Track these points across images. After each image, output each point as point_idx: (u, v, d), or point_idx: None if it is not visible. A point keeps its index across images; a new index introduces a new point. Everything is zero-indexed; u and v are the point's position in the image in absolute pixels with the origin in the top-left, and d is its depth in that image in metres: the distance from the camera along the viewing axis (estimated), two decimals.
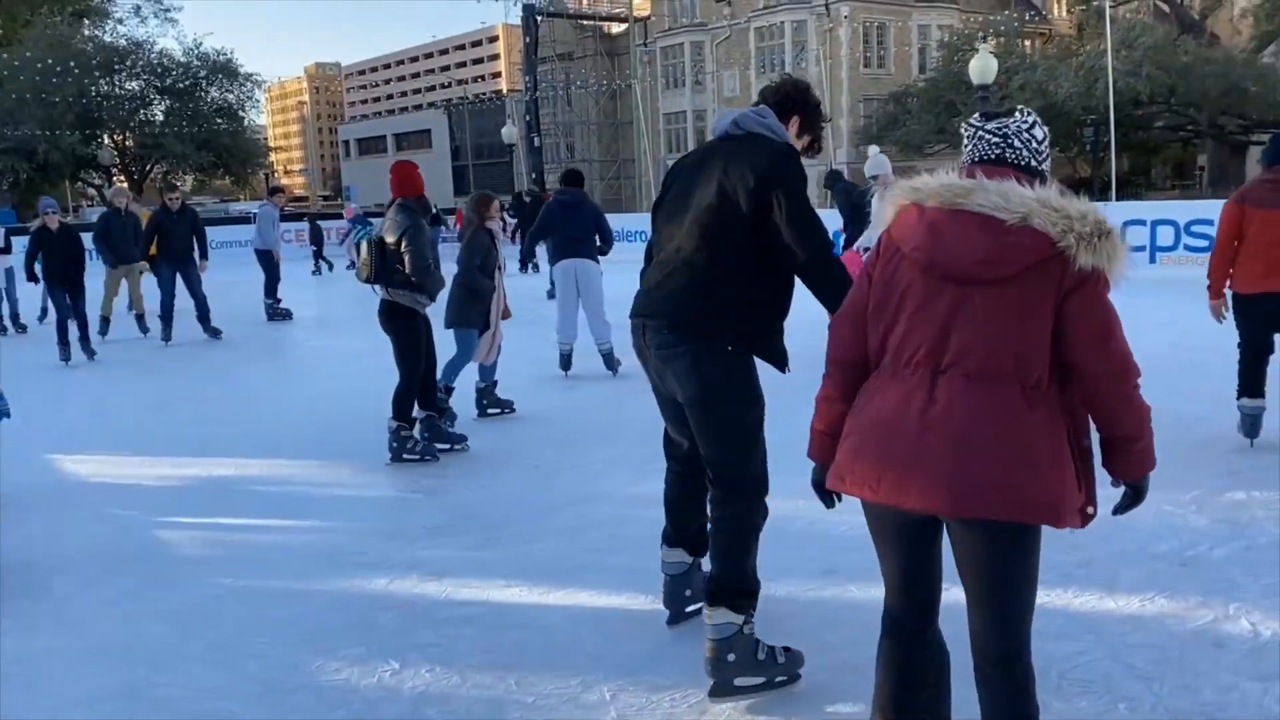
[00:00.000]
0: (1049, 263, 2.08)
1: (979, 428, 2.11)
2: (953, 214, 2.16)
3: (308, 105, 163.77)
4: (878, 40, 45.30)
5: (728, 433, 3.18)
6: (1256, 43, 34.95)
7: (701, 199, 3.13)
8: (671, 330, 3.13)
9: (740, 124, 3.21)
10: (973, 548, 2.20)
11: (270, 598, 4.04)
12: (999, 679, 2.25)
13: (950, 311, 2.15)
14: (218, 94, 46.78)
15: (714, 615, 3.10)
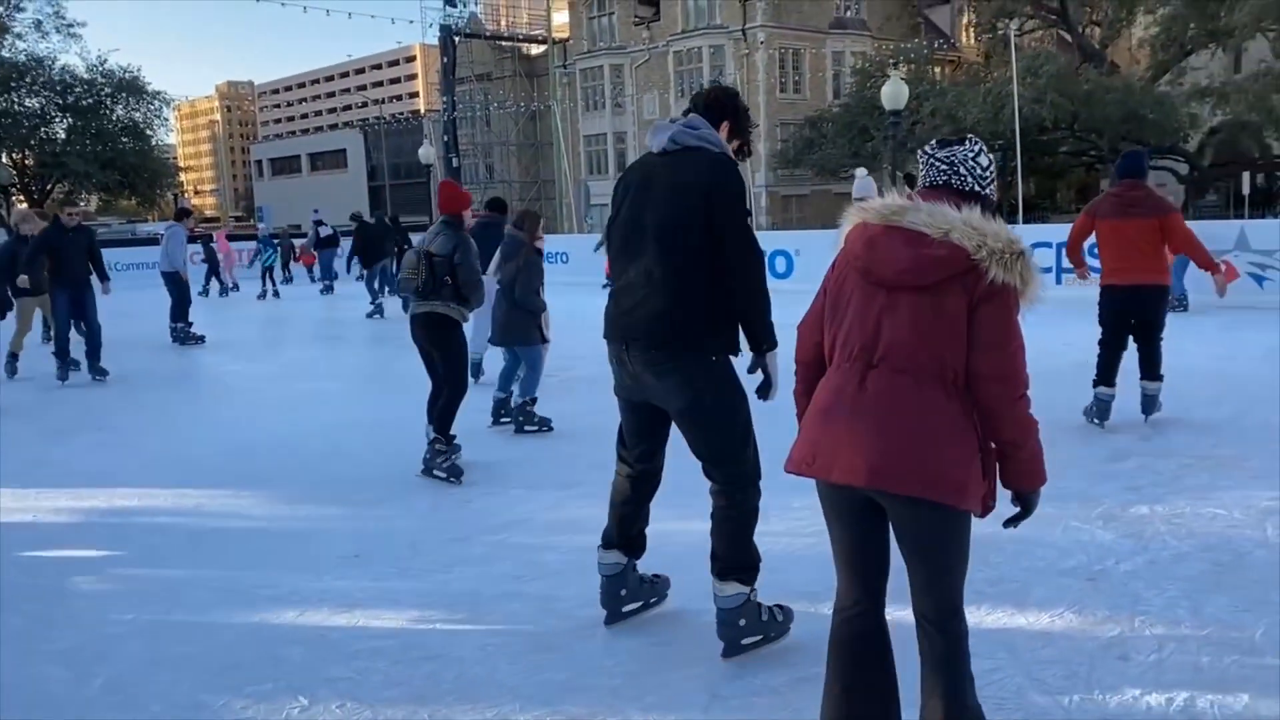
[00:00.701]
0: (965, 275, 2.37)
1: (899, 415, 2.40)
2: (887, 229, 2.48)
3: (219, 124, 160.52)
4: (793, 66, 46.10)
5: (725, 434, 3.44)
6: (1153, 72, 36.40)
7: (655, 220, 3.32)
8: (658, 349, 3.35)
9: (677, 140, 3.37)
10: (900, 521, 2.48)
11: (174, 634, 3.89)
12: (936, 633, 2.50)
13: (881, 313, 2.46)
14: (123, 112, 45.51)
15: (725, 589, 3.44)
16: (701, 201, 3.24)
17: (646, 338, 3.36)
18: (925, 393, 2.39)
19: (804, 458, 2.54)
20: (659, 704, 3.17)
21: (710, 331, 3.34)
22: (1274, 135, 33.32)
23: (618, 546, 3.77)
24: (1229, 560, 4.22)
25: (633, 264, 3.41)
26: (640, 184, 3.45)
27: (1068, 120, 33.40)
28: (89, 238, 10.99)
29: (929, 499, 2.37)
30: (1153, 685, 3.16)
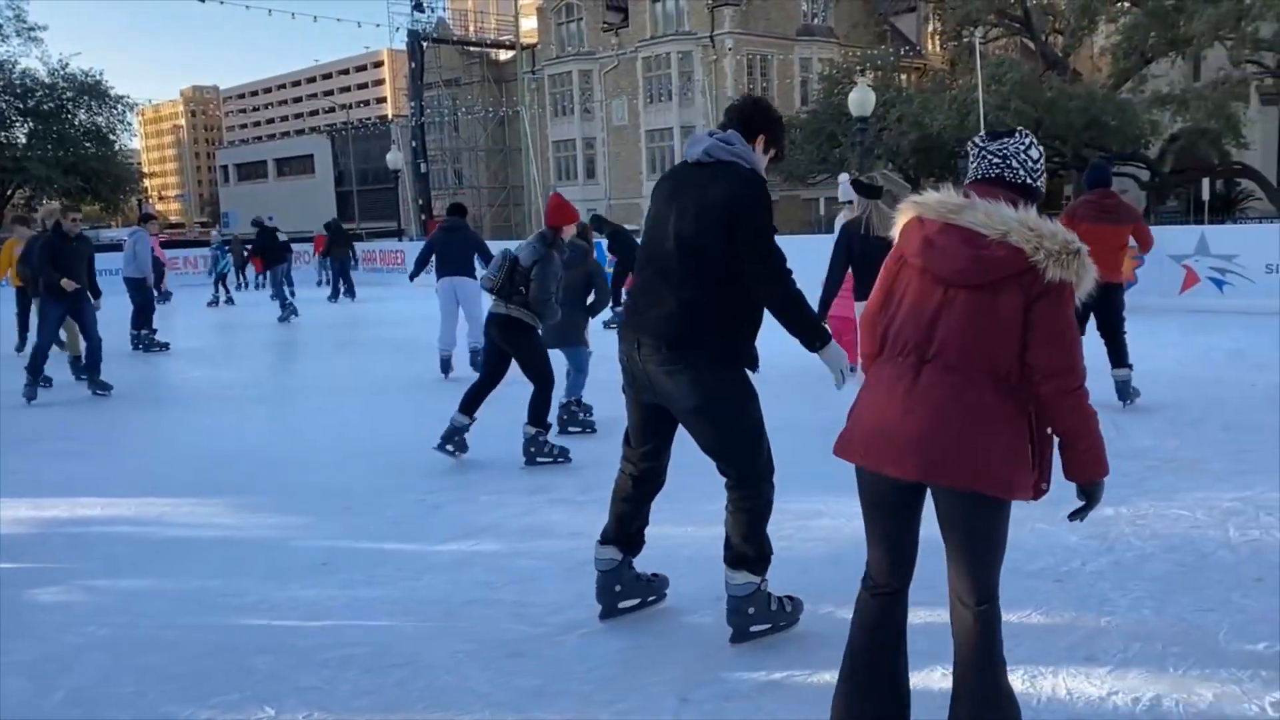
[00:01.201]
0: (1023, 274, 2.43)
1: (952, 410, 2.46)
2: (945, 227, 2.52)
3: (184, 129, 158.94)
4: (761, 72, 46.34)
5: (736, 433, 3.52)
6: (1114, 79, 36.88)
7: (679, 228, 3.43)
8: (670, 349, 3.42)
9: (710, 153, 3.48)
10: (947, 510, 2.57)
11: (138, 644, 3.83)
12: (972, 617, 2.60)
13: (937, 310, 2.52)
14: (86, 116, 45.02)
15: (737, 577, 3.56)
16: (725, 215, 3.35)
17: (656, 337, 3.44)
18: (977, 389, 2.46)
19: (857, 449, 2.63)
20: (631, 709, 3.17)
21: (717, 334, 3.43)
22: (1233, 142, 33.85)
23: (614, 542, 3.84)
24: (1193, 561, 4.28)
25: (652, 267, 3.55)
26: (670, 193, 3.57)
27: (1031, 127, 33.52)
28: (90, 248, 10.41)
29: (979, 491, 2.46)
30: (1119, 685, 3.19)
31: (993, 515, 2.54)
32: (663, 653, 3.55)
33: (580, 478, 6.03)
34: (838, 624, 3.74)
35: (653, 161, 47.99)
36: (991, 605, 2.61)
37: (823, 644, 3.57)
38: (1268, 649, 3.40)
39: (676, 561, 4.46)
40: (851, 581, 4.12)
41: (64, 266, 9.55)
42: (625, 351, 3.60)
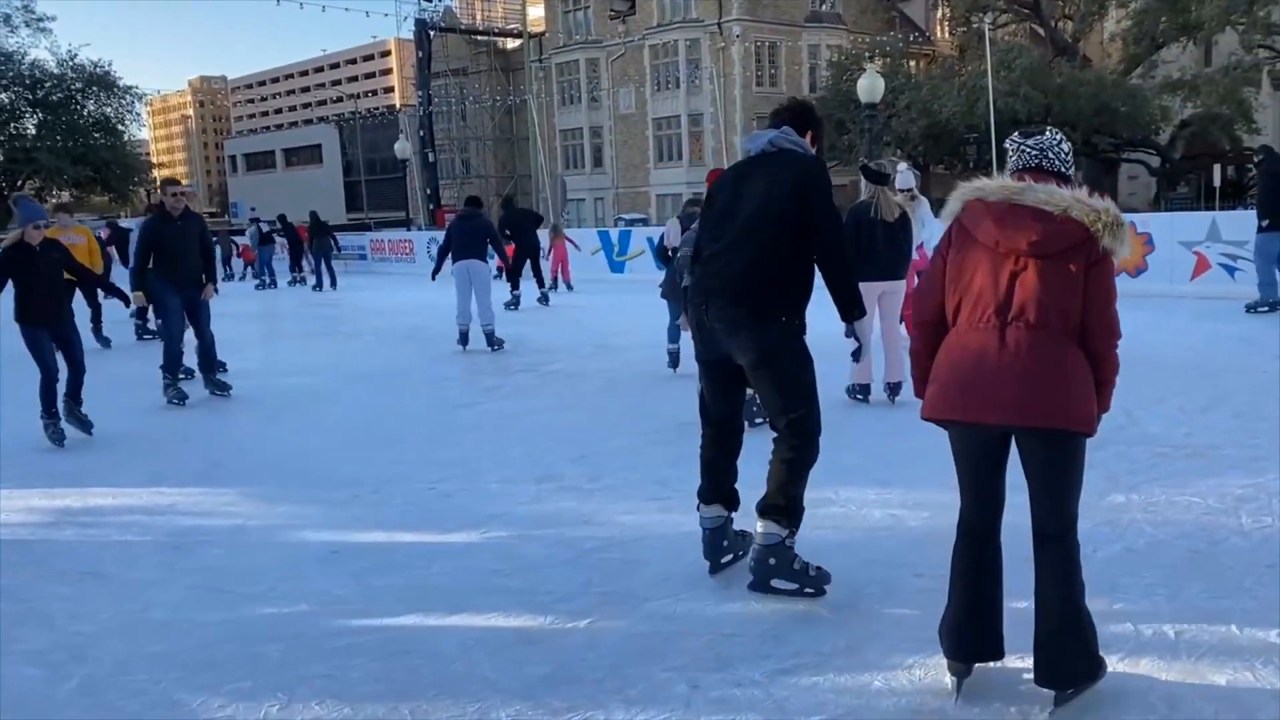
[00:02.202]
0: (1084, 244, 2.81)
1: (1038, 363, 2.83)
2: (1012, 207, 2.87)
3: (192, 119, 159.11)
4: (769, 59, 46.16)
5: (791, 388, 3.81)
6: (1125, 65, 36.69)
7: (750, 205, 3.81)
8: (736, 306, 3.76)
9: (775, 143, 3.91)
10: (1036, 452, 2.93)
11: (149, 632, 3.85)
12: (1054, 549, 2.97)
13: (1012, 279, 2.88)
14: (95, 107, 45.03)
15: (764, 525, 3.79)
16: (795, 191, 3.76)
17: (723, 295, 3.79)
18: (1057, 344, 2.84)
19: (956, 406, 2.95)
20: (641, 697, 3.16)
21: (782, 296, 3.77)
22: (1244, 128, 33.67)
23: (718, 501, 4.10)
24: (1205, 548, 4.26)
25: (721, 239, 3.88)
26: (736, 178, 4.00)
27: (1041, 113, 33.58)
28: (201, 227, 9.02)
29: (1069, 430, 2.85)
30: (1132, 672, 3.18)
31: (1075, 452, 2.93)
32: (672, 641, 3.55)
33: (588, 466, 6.03)
34: (848, 612, 3.75)
35: (660, 149, 47.89)
36: (1071, 534, 2.97)
37: (834, 631, 3.58)
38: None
39: (684, 550, 4.46)
40: (861, 569, 4.14)
41: (169, 252, 8.49)
42: (695, 315, 3.94)
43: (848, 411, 6.99)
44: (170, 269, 8.52)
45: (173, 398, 8.58)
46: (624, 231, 23.19)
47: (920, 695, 3.11)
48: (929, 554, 4.29)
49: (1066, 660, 2.96)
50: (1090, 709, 2.97)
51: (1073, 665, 2.96)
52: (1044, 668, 2.97)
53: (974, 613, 3.07)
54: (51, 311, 7.21)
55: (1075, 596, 2.95)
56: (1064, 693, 2.98)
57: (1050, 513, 2.96)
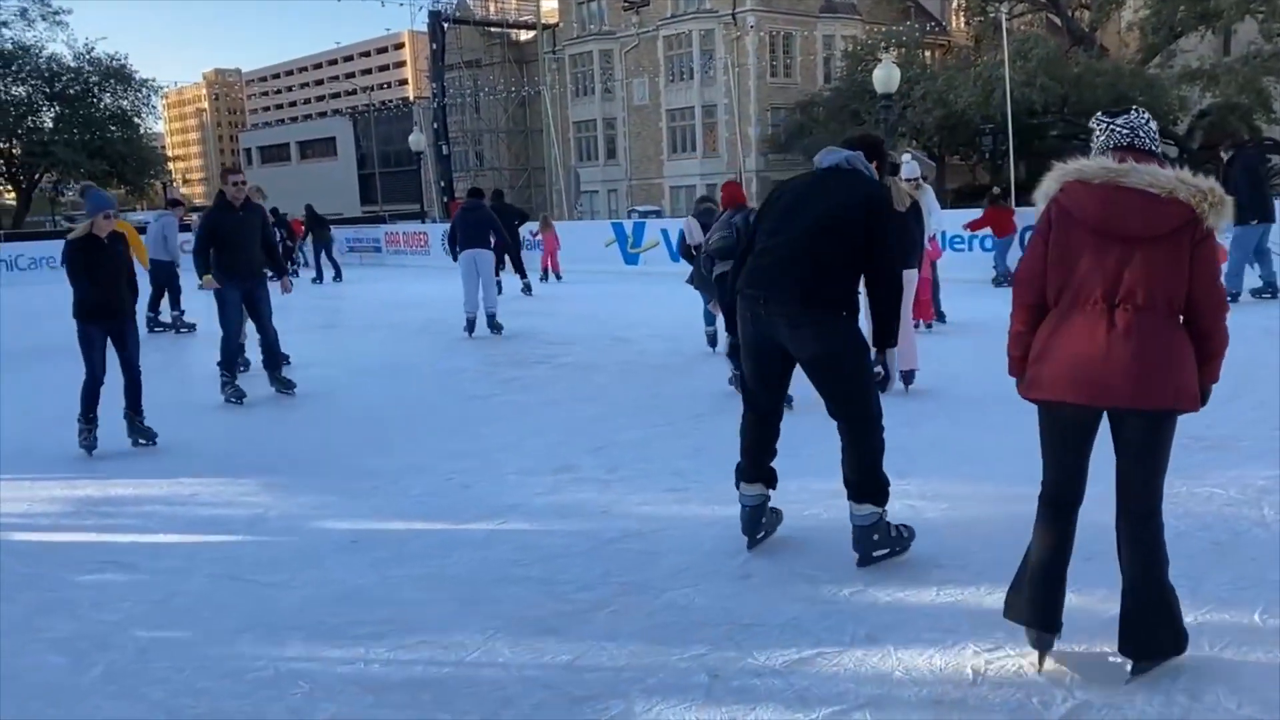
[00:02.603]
0: (1189, 225, 2.85)
1: (1148, 346, 2.90)
2: (1117, 189, 2.91)
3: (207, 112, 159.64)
4: (784, 50, 45.98)
5: (852, 381, 4.04)
6: (1142, 55, 36.38)
7: (821, 209, 4.04)
8: (802, 305, 3.97)
9: (850, 161, 4.17)
10: (1135, 431, 3.00)
11: (172, 620, 3.88)
12: (1141, 526, 3.06)
13: (1119, 262, 2.92)
14: (111, 100, 45.13)
15: (862, 509, 4.07)
16: (864, 206, 4.01)
17: (785, 290, 3.98)
18: (1164, 325, 2.92)
19: (1064, 387, 3.01)
20: (661, 685, 3.17)
21: (844, 295, 4.02)
22: (1263, 117, 33.34)
23: (759, 480, 4.32)
24: (1227, 539, 4.23)
25: (783, 235, 4.07)
26: (806, 185, 4.22)
27: (1058, 104, 33.38)
28: (262, 218, 8.62)
29: (1179, 409, 2.95)
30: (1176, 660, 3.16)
31: (1170, 432, 3.02)
32: (692, 631, 3.55)
33: (605, 457, 6.04)
34: (868, 602, 3.74)
35: (674, 141, 47.80)
36: (1159, 511, 3.06)
37: (854, 621, 3.57)
38: None
39: (702, 541, 4.47)
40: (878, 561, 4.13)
41: (229, 243, 8.05)
42: (750, 305, 4.10)
43: None
44: (230, 261, 8.07)
45: (230, 396, 8.22)
46: (638, 223, 23.15)
47: (941, 684, 3.10)
48: (948, 544, 4.30)
49: (1152, 633, 3.08)
50: (1111, 702, 2.96)
51: (1158, 638, 3.08)
52: (1129, 639, 3.09)
53: (1054, 584, 3.18)
54: (114, 308, 6.75)
55: (1161, 571, 3.07)
56: (1147, 666, 3.09)
57: (1141, 489, 3.06)
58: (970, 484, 5.15)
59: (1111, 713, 2.90)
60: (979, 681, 3.12)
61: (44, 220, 46.98)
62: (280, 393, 8.49)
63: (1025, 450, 5.68)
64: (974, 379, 7.72)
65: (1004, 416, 6.55)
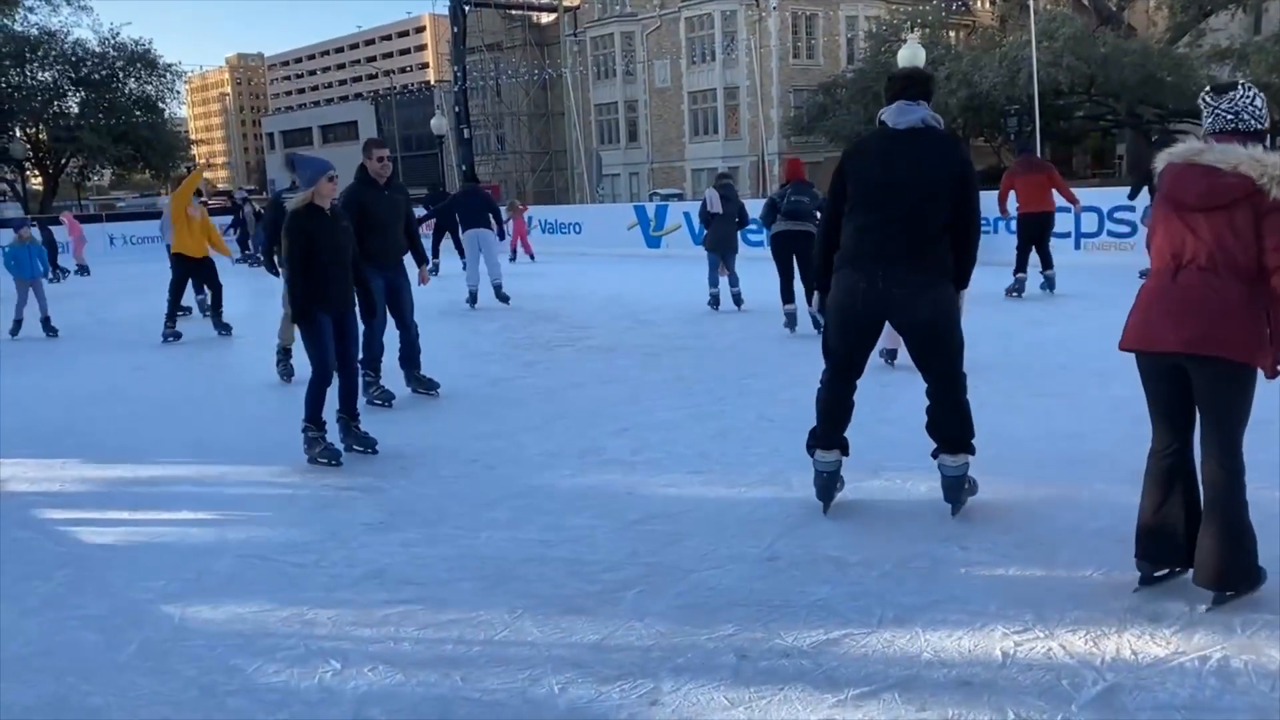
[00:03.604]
0: (1252, 195, 3.14)
1: (1202, 300, 3.25)
2: (1188, 165, 3.30)
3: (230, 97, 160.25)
4: (806, 31, 45.69)
5: (955, 344, 4.33)
6: (1171, 34, 35.89)
7: (921, 183, 4.20)
8: (922, 276, 4.21)
9: (927, 121, 4.28)
10: (1200, 379, 3.33)
11: (203, 599, 3.92)
12: (1219, 469, 3.34)
13: (1187, 229, 3.30)
14: (136, 85, 45.40)
15: (958, 460, 4.38)
16: (957, 173, 4.24)
17: (905, 267, 4.19)
18: (1220, 283, 3.23)
19: (1137, 337, 3.44)
20: (689, 665, 3.18)
21: (949, 267, 4.28)
22: None
23: (836, 446, 4.53)
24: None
25: (890, 210, 4.20)
26: (886, 154, 4.29)
27: (1085, 84, 33.01)
28: (405, 196, 7.62)
29: (1224, 357, 3.21)
30: (1185, 646, 3.15)
31: (1236, 379, 3.27)
32: (719, 612, 3.56)
33: (630, 439, 6.05)
34: (896, 584, 3.74)
35: (695, 124, 47.64)
36: (1236, 461, 3.33)
37: (881, 604, 3.57)
38: None
39: (727, 523, 4.47)
40: (907, 542, 4.13)
41: (373, 225, 6.94)
42: (863, 276, 4.24)
43: (881, 379, 6.91)
44: (374, 246, 6.88)
45: (375, 397, 7.27)
46: (660, 206, 23.10)
47: (970, 666, 3.10)
48: (975, 527, 4.28)
49: (1225, 567, 3.33)
50: (1142, 684, 2.95)
51: (1229, 572, 3.34)
52: (1207, 571, 3.35)
53: (1154, 522, 3.50)
54: (343, 291, 5.87)
55: (1233, 512, 3.32)
56: (1223, 594, 3.37)
57: (1211, 435, 3.35)
58: (995, 466, 5.12)
59: (1142, 695, 2.89)
60: (1008, 663, 3.11)
61: (70, 205, 47.26)
62: (418, 393, 7.62)
63: (1049, 434, 5.70)
64: (995, 360, 7.67)
65: (1028, 399, 6.54)
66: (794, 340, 9.20)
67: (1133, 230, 14.68)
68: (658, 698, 3.01)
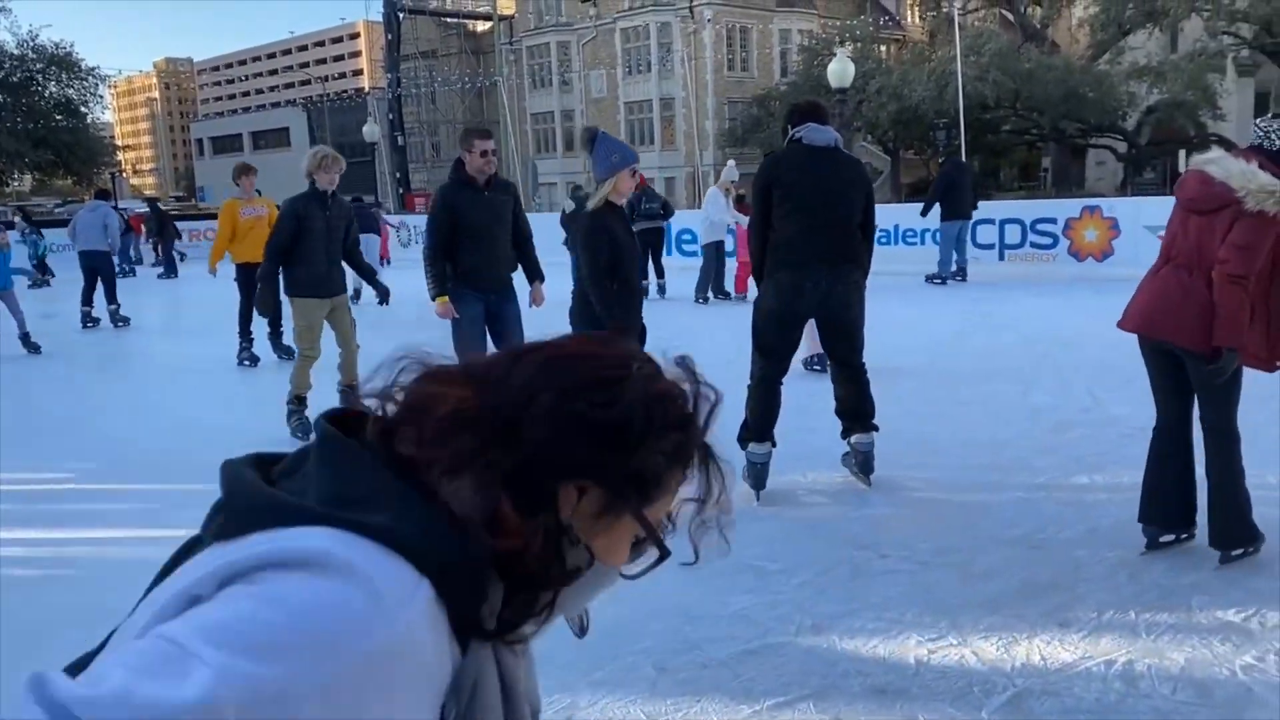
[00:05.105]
0: (1234, 204, 3.52)
1: (1167, 292, 3.75)
2: (1196, 173, 3.72)
3: (158, 101, 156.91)
4: (740, 44, 46.10)
5: (862, 330, 4.89)
6: (1092, 51, 36.89)
7: (845, 191, 4.81)
8: (852, 269, 4.79)
9: (837, 144, 4.90)
10: (1187, 361, 3.75)
11: (113, 619, 3.77)
12: (1213, 438, 3.77)
13: (1180, 227, 3.77)
14: (56, 89, 44.21)
15: (867, 437, 4.88)
16: (867, 187, 4.94)
17: (839, 259, 4.72)
18: (1191, 282, 3.67)
19: (1127, 321, 3.93)
20: (608, 679, 3.16)
21: (865, 261, 4.93)
22: (1209, 114, 33.98)
23: (768, 439, 4.86)
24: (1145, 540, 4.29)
25: (828, 215, 4.73)
26: (813, 168, 4.78)
27: (1010, 99, 33.77)
28: (516, 198, 6.35)
29: (1177, 345, 3.71)
30: (1092, 651, 3.21)
31: (1219, 366, 3.63)
32: (639, 624, 3.54)
33: None
34: (815, 593, 3.76)
35: (632, 133, 47.75)
36: (1228, 430, 3.74)
37: (800, 612, 3.59)
38: (1238, 614, 3.43)
39: None
40: (828, 550, 4.16)
41: (472, 234, 5.86)
42: (807, 276, 4.69)
43: (809, 387, 6.96)
44: (473, 262, 5.86)
45: None
46: None
47: (885, 674, 3.13)
48: (895, 535, 4.33)
49: (1228, 526, 3.75)
50: (1050, 689, 3.00)
51: (1232, 531, 3.76)
52: (1214, 535, 3.77)
53: (1155, 490, 3.90)
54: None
55: (1228, 479, 3.71)
56: (1228, 554, 3.77)
57: (1206, 410, 3.77)
58: (916, 473, 5.20)
59: (1050, 700, 2.94)
60: (922, 670, 3.15)
61: None
62: None
63: (969, 441, 5.78)
64: (919, 368, 7.79)
65: (951, 407, 6.64)
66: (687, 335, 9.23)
67: (1054, 242, 15.06)
68: (574, 713, 2.98)
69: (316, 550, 0.80)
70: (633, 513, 0.94)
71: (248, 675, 0.71)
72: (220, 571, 0.81)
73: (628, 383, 0.92)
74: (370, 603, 0.77)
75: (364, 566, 0.79)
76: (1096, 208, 15.00)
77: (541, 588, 0.91)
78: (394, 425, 0.92)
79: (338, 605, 0.76)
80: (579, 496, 0.91)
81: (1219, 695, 2.94)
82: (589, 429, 0.89)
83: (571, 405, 0.90)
